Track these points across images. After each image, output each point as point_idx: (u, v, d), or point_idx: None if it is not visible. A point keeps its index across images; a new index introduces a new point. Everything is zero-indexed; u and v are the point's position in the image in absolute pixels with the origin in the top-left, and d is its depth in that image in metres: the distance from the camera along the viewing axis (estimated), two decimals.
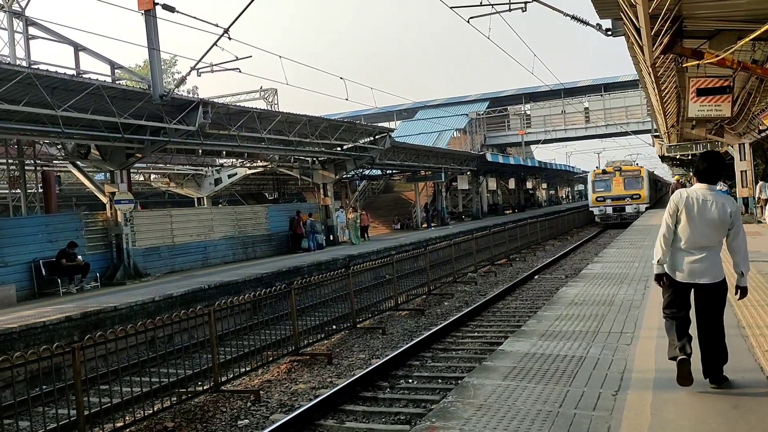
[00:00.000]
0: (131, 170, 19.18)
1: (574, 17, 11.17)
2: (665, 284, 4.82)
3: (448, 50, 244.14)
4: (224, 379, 8.39)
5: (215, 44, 13.82)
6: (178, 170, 28.88)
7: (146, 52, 15.36)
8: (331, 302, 12.81)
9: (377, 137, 25.97)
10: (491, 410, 4.62)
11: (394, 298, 13.82)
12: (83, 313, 11.05)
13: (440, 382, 8.35)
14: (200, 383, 8.32)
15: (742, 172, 22.03)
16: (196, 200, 31.27)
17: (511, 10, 12.50)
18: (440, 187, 37.90)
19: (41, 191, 19.55)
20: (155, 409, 7.30)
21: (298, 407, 7.47)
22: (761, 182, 25.02)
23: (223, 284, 14.45)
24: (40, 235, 15.15)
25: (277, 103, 32.99)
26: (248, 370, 8.89)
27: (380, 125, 32.75)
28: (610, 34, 10.94)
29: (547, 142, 52.56)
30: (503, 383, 5.27)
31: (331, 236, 25.65)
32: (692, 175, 13.15)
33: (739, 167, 22.09)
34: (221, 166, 30.08)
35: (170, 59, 49.76)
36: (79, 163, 17.23)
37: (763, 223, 20.40)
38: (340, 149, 24.63)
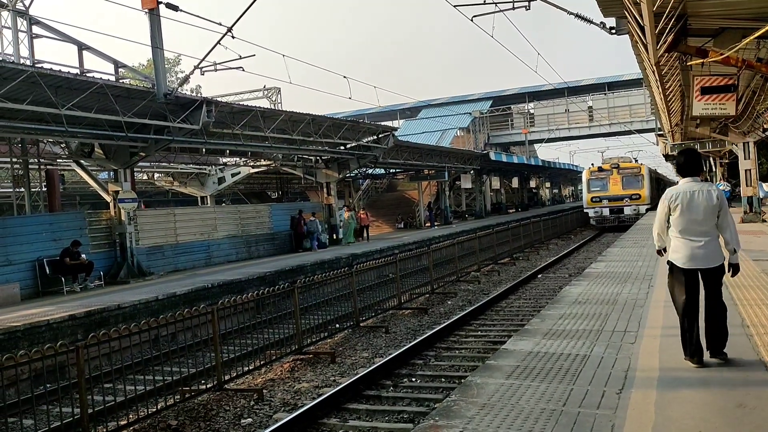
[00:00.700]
0: (135, 169, 19.24)
1: (578, 15, 11.15)
2: (674, 272, 5.32)
3: (451, 49, 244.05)
4: (227, 377, 8.40)
5: (219, 43, 13.86)
6: (181, 169, 28.91)
7: (150, 51, 15.37)
8: (334, 301, 12.80)
9: (380, 136, 25.96)
10: (494, 409, 4.61)
11: (397, 296, 13.82)
12: (87, 311, 11.07)
13: (443, 380, 8.34)
14: (203, 382, 8.33)
15: (746, 171, 21.90)
16: (199, 199, 31.32)
17: (515, 8, 12.48)
18: (443, 186, 37.89)
19: (45, 190, 19.58)
20: (159, 407, 7.31)
21: (301, 406, 7.47)
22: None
23: (226, 283, 14.47)
24: (43, 233, 15.18)
25: (280, 102, 33.06)
26: (251, 368, 8.89)
27: (383, 124, 32.73)
28: (614, 32, 10.89)
29: (550, 140, 52.55)
30: (507, 382, 5.26)
31: (334, 235, 25.66)
32: (675, 172, 13.38)
33: (743, 166, 21.96)
34: (225, 165, 30.12)
35: (174, 58, 49.84)
36: (82, 162, 17.27)
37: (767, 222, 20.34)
38: (343, 148, 24.63)
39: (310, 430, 6.81)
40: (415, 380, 8.48)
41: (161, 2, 13.65)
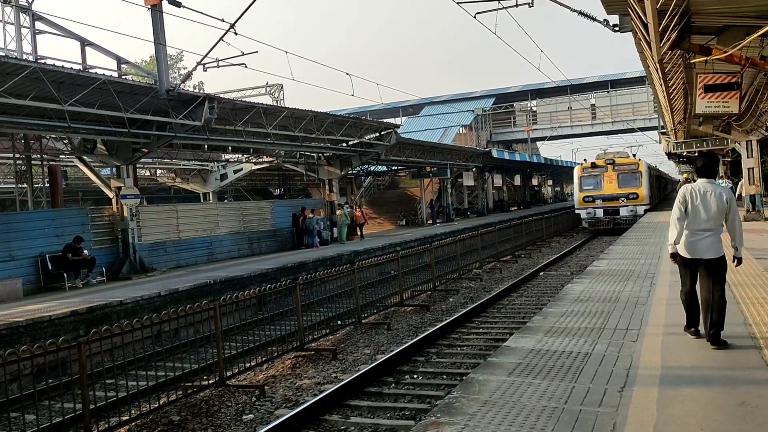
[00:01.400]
0: (137, 165, 19.25)
1: (581, 13, 11.10)
2: (679, 262, 5.93)
3: (454, 46, 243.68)
4: (229, 373, 8.41)
5: (221, 39, 13.85)
6: (183, 165, 28.95)
7: (152, 47, 15.38)
8: (336, 298, 12.81)
9: (383, 133, 25.95)
10: (496, 406, 4.61)
11: (399, 293, 13.81)
12: (89, 307, 11.09)
13: (445, 377, 8.35)
14: (206, 378, 8.34)
15: (749, 169, 21.80)
16: (201, 195, 31.37)
17: (518, 5, 12.44)
18: (445, 183, 37.86)
19: (48, 186, 19.62)
20: (161, 402, 7.32)
21: (303, 402, 7.48)
22: (743, 180, 24.80)
23: (228, 279, 14.49)
24: (46, 229, 15.21)
25: (282, 98, 33.06)
26: (253, 365, 8.90)
27: (386, 121, 32.69)
28: (617, 29, 10.85)
29: (553, 138, 52.47)
30: (508, 379, 5.26)
31: (336, 232, 25.63)
32: (694, 172, 13.61)
33: (746, 164, 21.87)
34: (227, 161, 30.14)
35: (176, 54, 49.69)
36: (85, 157, 17.29)
37: None
38: (345, 145, 24.63)
39: (311, 426, 6.82)
40: (416, 377, 8.48)
41: None
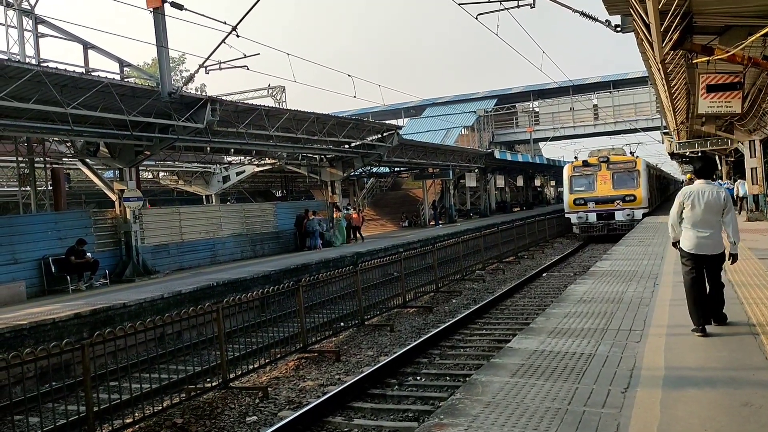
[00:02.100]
0: (140, 168, 19.27)
1: (582, 13, 11.09)
2: (685, 255, 6.42)
3: (456, 47, 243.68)
4: (232, 375, 8.42)
5: (223, 42, 13.85)
6: (186, 168, 28.99)
7: (155, 49, 15.39)
8: (338, 299, 12.82)
9: (385, 135, 25.94)
10: (499, 407, 4.60)
11: (402, 295, 13.82)
12: (92, 310, 11.10)
13: (448, 379, 8.34)
14: (209, 380, 8.35)
15: (752, 169, 21.75)
16: (204, 198, 31.41)
17: (519, 6, 12.42)
18: (448, 184, 37.85)
19: (51, 189, 19.65)
20: (164, 405, 7.33)
21: (306, 404, 7.49)
22: (739, 180, 24.75)
23: (231, 281, 14.49)
24: (49, 232, 15.22)
25: (285, 100, 33.05)
26: (256, 367, 8.91)
27: (388, 123, 32.69)
28: (619, 30, 10.84)
29: (555, 139, 52.38)
30: (511, 380, 5.26)
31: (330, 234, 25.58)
32: (692, 173, 13.84)
33: (749, 164, 21.81)
34: (229, 163, 30.18)
35: (179, 57, 49.72)
36: (88, 160, 17.31)
37: None
38: (347, 147, 24.63)
39: (315, 428, 6.83)
40: (420, 378, 8.48)
41: (166, 1, 13.64)
